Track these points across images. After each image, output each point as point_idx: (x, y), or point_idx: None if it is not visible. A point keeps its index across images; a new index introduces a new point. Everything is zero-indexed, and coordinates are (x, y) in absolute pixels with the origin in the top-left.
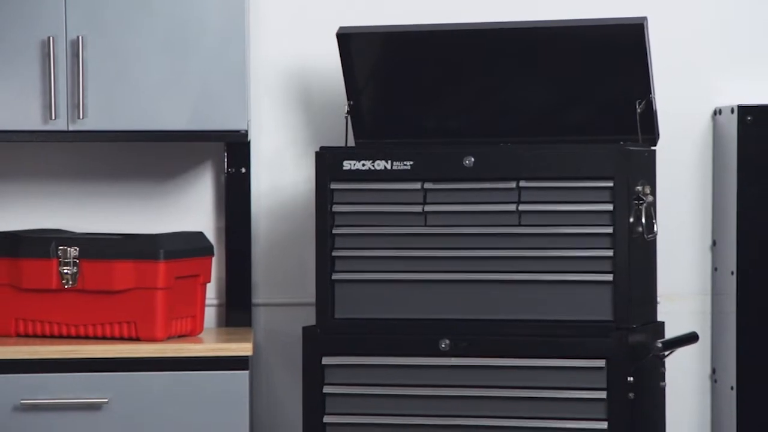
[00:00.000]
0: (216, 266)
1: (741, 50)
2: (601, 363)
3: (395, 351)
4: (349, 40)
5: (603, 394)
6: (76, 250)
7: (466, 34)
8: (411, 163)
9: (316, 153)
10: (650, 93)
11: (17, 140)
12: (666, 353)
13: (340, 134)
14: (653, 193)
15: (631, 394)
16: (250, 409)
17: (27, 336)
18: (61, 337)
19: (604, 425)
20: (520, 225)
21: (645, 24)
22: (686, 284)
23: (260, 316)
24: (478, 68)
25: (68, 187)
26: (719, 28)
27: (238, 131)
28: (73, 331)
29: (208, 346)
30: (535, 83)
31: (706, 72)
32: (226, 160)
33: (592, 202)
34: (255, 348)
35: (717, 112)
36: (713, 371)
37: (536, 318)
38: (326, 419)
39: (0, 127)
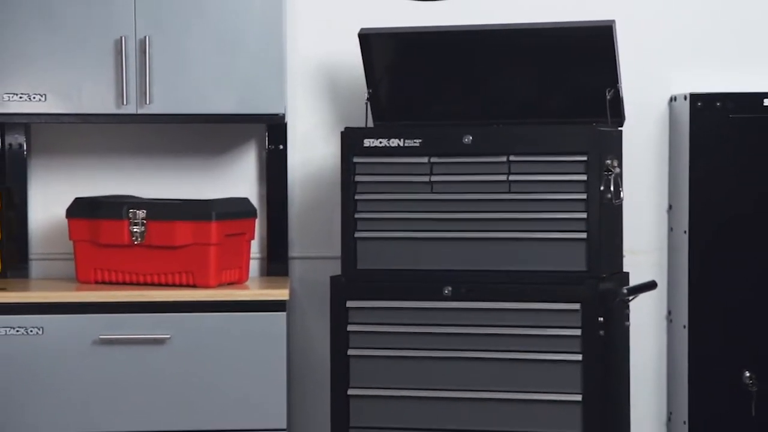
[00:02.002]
0: (258, 226)
1: (693, 47)
2: (577, 306)
3: (407, 296)
4: (368, 40)
5: (578, 332)
6: (143, 212)
7: (466, 35)
8: (420, 141)
9: (342, 132)
10: (618, 83)
11: (95, 122)
12: (630, 298)
13: (361, 117)
14: (620, 166)
15: (601, 332)
16: (287, 344)
17: (103, 283)
18: (131, 284)
19: (579, 357)
20: (510, 192)
21: (613, 26)
22: (647, 241)
23: (295, 267)
24: (475, 63)
25: (137, 160)
26: (676, 28)
27: (276, 114)
28: (141, 279)
29: (252, 291)
30: (522, 75)
31: (664, 65)
32: (266, 138)
33: (569, 173)
34: (291, 294)
35: (672, 99)
36: (669, 313)
37: (523, 269)
38: (350, 352)
39: (82, 111)
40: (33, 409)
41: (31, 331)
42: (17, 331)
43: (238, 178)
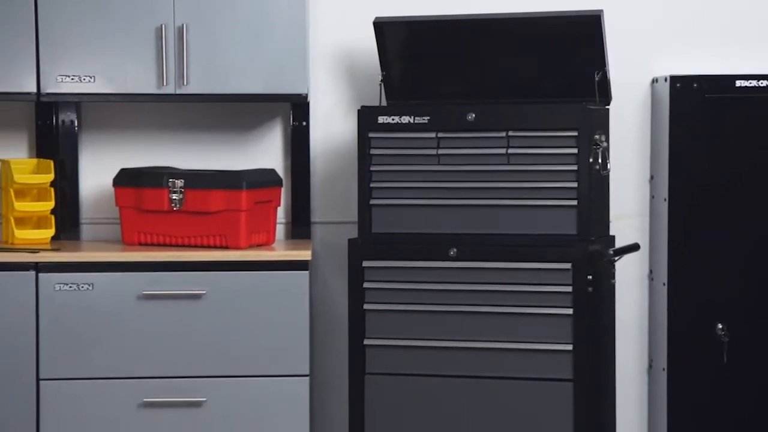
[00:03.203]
0: (284, 194)
1: (673, 34)
2: (568, 266)
3: (417, 256)
4: (382, 27)
5: (569, 289)
6: (181, 181)
7: (470, 23)
8: (428, 118)
9: (359, 110)
10: (605, 66)
11: (138, 101)
12: (616, 258)
13: (375, 96)
14: (607, 140)
15: (589, 289)
16: (309, 299)
17: (146, 245)
18: (170, 246)
19: (570, 311)
20: (508, 164)
21: (601, 15)
22: (631, 208)
23: (317, 231)
24: (478, 48)
25: (175, 135)
26: (658, 17)
27: (300, 94)
28: (179, 242)
29: (278, 252)
30: (520, 59)
31: (647, 50)
32: (291, 116)
33: (561, 147)
34: (313, 255)
35: (654, 81)
36: (650, 271)
37: (520, 232)
38: (366, 307)
39: (126, 91)
40: (84, 356)
41: (83, 287)
42: (70, 287)
43: (266, 151)
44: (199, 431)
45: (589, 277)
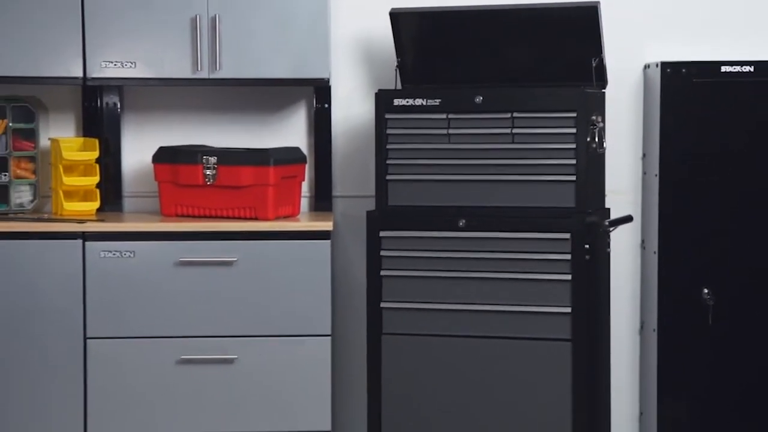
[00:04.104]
0: (308, 170)
1: (664, 23)
2: (567, 235)
3: (429, 227)
4: (397, 17)
5: (568, 257)
6: (215, 158)
7: (477, 13)
8: (439, 100)
9: (376, 93)
10: (601, 53)
11: (175, 85)
12: (611, 229)
13: (391, 81)
14: (603, 121)
15: (587, 257)
16: (331, 266)
17: (182, 216)
18: (204, 217)
19: (569, 277)
20: (513, 143)
21: (598, 6)
22: (625, 183)
23: (338, 204)
24: (486, 36)
25: (209, 116)
26: (649, 8)
27: (322, 79)
28: (212, 213)
29: (302, 223)
30: (524, 46)
31: (640, 38)
32: (314, 98)
33: (561, 127)
34: (334, 225)
35: (647, 66)
36: (642, 241)
37: (524, 205)
38: (382, 273)
39: (164, 76)
40: (126, 317)
41: (125, 254)
42: (113, 254)
43: (291, 131)
44: (231, 386)
45: (587, 246)
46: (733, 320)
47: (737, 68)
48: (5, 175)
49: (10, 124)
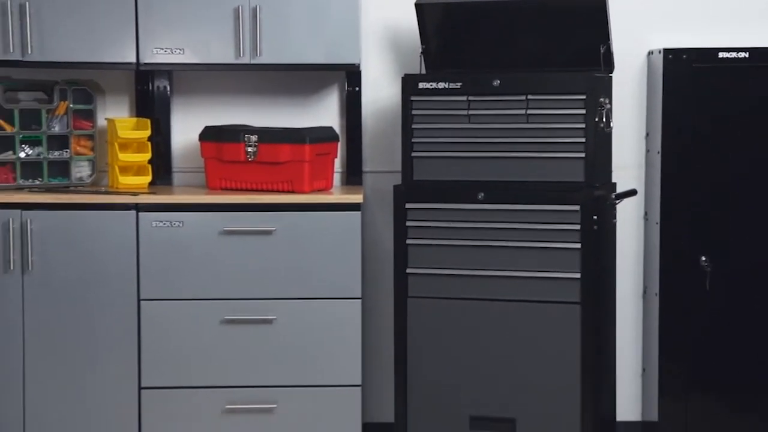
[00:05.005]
0: (340, 148)
1: (666, 13)
2: (577, 207)
3: (451, 199)
4: (423, 8)
5: (578, 227)
6: (255, 137)
7: (495, 4)
8: (460, 84)
9: (402, 78)
10: (609, 40)
11: (219, 69)
12: (617, 201)
13: (416, 66)
14: (610, 103)
15: (595, 227)
16: (361, 235)
17: (226, 189)
18: (246, 190)
19: (579, 246)
20: (527, 123)
21: None
22: (630, 159)
23: (368, 179)
24: (503, 25)
25: (250, 98)
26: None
27: (353, 64)
28: (253, 186)
29: (335, 196)
30: (537, 34)
31: (644, 26)
32: (346, 82)
33: (572, 108)
34: (364, 198)
35: (650, 53)
36: (645, 213)
37: (538, 180)
38: (408, 241)
39: (210, 61)
40: (175, 281)
41: (174, 224)
42: (164, 223)
43: (325, 112)
44: (270, 343)
45: (595, 217)
46: (728, 285)
47: (733, 54)
48: (66, 151)
49: (71, 106)
